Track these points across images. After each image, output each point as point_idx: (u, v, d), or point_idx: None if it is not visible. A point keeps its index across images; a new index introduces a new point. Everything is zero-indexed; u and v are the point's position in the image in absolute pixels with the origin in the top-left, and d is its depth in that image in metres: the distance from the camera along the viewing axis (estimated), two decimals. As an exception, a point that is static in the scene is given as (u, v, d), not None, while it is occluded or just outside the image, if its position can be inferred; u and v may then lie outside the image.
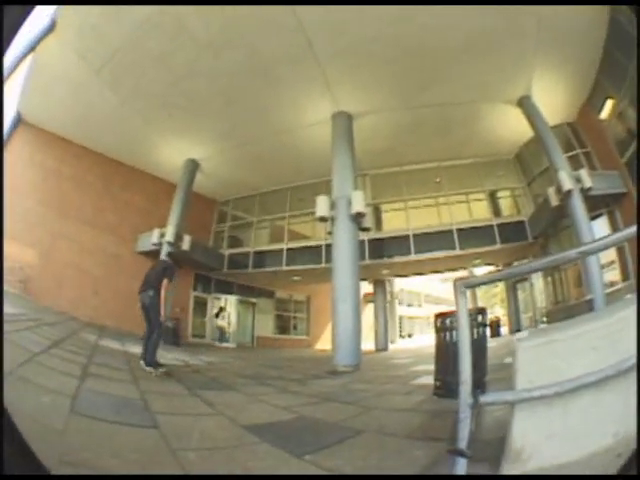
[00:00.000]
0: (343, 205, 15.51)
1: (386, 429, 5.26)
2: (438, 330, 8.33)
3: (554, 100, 18.65)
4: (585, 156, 19.65)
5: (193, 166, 21.33)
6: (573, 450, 3.55)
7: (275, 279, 24.78)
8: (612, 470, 3.09)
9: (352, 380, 10.37)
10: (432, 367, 7.91)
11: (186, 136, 19.61)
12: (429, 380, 8.09)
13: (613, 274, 17.66)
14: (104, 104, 16.95)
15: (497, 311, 26.83)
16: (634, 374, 3.48)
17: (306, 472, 3.81)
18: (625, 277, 17.55)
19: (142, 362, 8.74)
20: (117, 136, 19.29)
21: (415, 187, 22.17)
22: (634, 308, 3.89)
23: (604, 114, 18.88)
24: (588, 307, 14.69)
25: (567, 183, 16.73)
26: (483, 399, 3.76)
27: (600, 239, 3.90)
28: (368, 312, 25.63)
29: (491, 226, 21.15)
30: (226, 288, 25.14)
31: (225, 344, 23.69)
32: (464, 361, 3.77)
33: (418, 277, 31.16)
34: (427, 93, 16.99)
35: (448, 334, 7.98)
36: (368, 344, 21.64)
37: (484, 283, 6.44)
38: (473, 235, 20.86)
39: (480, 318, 8.10)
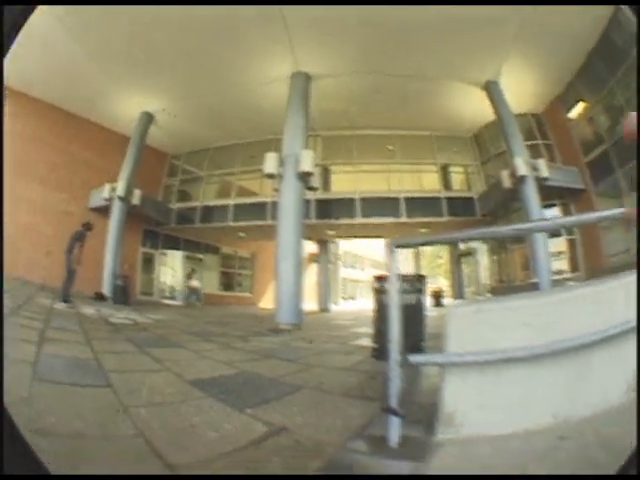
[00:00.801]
0: (291, 163, 15.74)
1: (324, 387, 5.58)
2: (376, 292, 8.55)
3: (523, 90, 19.34)
4: (546, 148, 20.60)
5: (148, 119, 21.26)
6: (509, 423, 3.77)
7: (222, 235, 25.06)
8: (560, 455, 3.30)
9: (293, 338, 10.79)
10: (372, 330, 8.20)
11: (145, 89, 19.50)
12: (369, 342, 8.39)
13: (561, 263, 18.90)
14: (63, 56, 16.68)
15: (441, 282, 27.42)
16: (572, 357, 3.86)
17: (246, 426, 4.00)
18: (574, 268, 18.72)
19: (60, 302, 10.06)
20: (70, 87, 19.00)
21: (367, 152, 22.52)
22: (576, 293, 4.28)
23: (573, 114, 20.00)
24: (532, 289, 14.96)
25: (522, 169, 17.41)
26: (412, 359, 4.06)
27: (539, 220, 4.26)
28: (312, 272, 26.05)
29: (439, 198, 21.78)
30: (174, 244, 25.21)
31: (198, 304, 24.05)
32: (393, 320, 3.92)
33: (362, 240, 31.55)
34: (393, 63, 17.23)
35: (385, 297, 7.74)
36: (311, 304, 22.33)
37: (416, 244, 6.73)
38: (421, 205, 21.40)
39: (418, 284, 8.34)
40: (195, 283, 25.31)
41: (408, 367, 4.08)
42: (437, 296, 23.15)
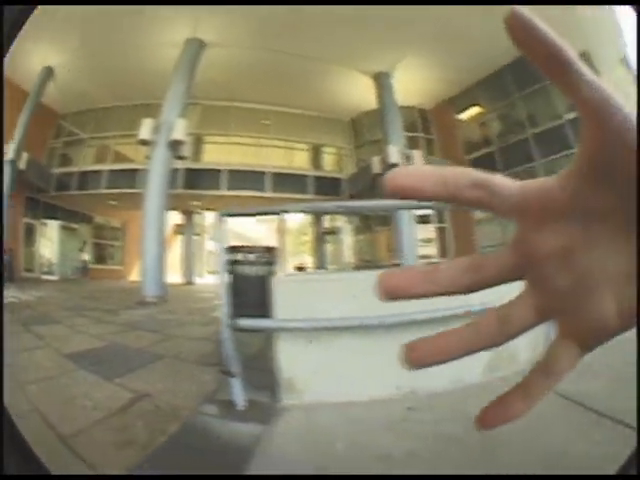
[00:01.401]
0: (165, 130, 15.86)
1: (182, 355, 6.11)
2: (229, 263, 9.09)
3: (416, 86, 20.18)
4: (427, 142, 21.82)
5: (47, 74, 20.05)
6: (352, 392, 4.16)
7: (95, 203, 23.91)
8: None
9: (159, 311, 11.22)
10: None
11: (48, 40, 18.16)
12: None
13: (430, 249, 20.21)
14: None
15: (306, 259, 27.86)
16: (411, 331, 3.98)
17: (115, 394, 4.39)
18: (443, 254, 19.95)
19: None
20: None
21: (243, 125, 22.66)
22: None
23: (464, 115, 21.42)
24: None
25: (394, 157, 18.13)
26: (242, 322, 4.35)
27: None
28: (178, 244, 25.65)
29: (307, 176, 22.28)
30: (52, 213, 23.57)
31: (85, 279, 23.29)
32: (223, 285, 4.34)
33: (255, 216, 30.46)
34: (289, 42, 17.62)
35: (240, 267, 8.38)
36: (177, 277, 22.40)
37: (248, 214, 7.18)
38: (288, 182, 21.69)
39: (268, 256, 8.77)
40: (86, 257, 24.83)
41: (248, 332, 4.60)
42: (300, 272, 23.13)
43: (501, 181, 0.49)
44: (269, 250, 9.12)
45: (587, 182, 0.46)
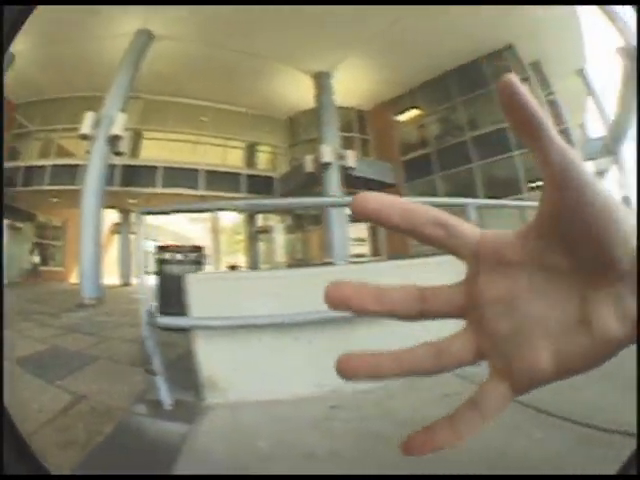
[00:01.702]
0: (105, 125, 15.64)
1: (116, 357, 6.34)
2: (159, 263, 8.92)
3: (355, 87, 20.30)
4: (362, 142, 22.03)
5: (9, 61, 18.21)
6: (275, 390, 4.24)
7: (38, 200, 22.78)
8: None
9: (96, 313, 11.41)
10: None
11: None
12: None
13: (363, 248, 19.95)
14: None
15: (240, 258, 27.70)
16: (322, 328, 4.31)
17: (57, 396, 4.53)
18: (376, 252, 20.05)
19: None
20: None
21: (182, 121, 22.30)
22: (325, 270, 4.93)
23: (402, 117, 21.68)
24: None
25: (327, 156, 18.28)
26: (160, 321, 4.46)
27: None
28: (115, 244, 24.62)
29: (240, 175, 22.20)
30: None
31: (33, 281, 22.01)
32: (142, 284, 4.56)
33: (175, 214, 29.60)
34: (229, 36, 17.52)
35: (168, 267, 8.64)
36: (114, 278, 21.79)
37: (165, 212, 7.24)
38: (222, 180, 21.57)
39: (195, 255, 8.99)
40: (36, 259, 23.83)
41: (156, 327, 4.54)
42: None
43: (462, 225, 0.55)
44: (197, 249, 9.34)
45: (542, 239, 0.53)
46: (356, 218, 0.52)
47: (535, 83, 19.81)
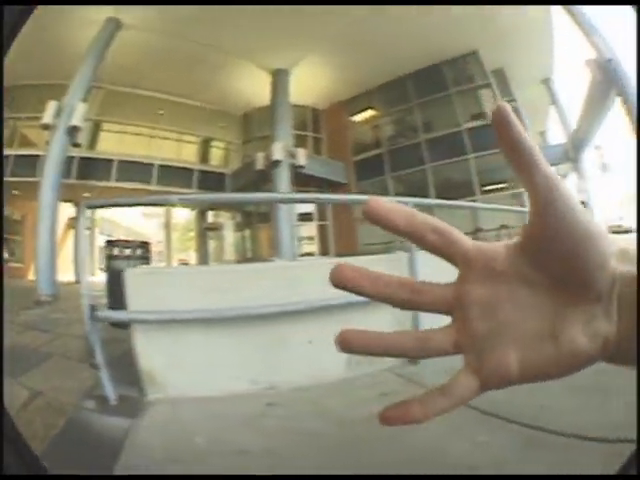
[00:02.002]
0: (66, 115, 15.39)
1: (68, 354, 6.29)
2: (108, 258, 8.83)
3: (313, 86, 20.44)
4: (315, 141, 22.16)
5: None
6: (211, 386, 4.22)
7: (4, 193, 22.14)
8: None
9: (52, 309, 11.28)
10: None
11: None
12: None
13: (313, 247, 20.52)
14: None
15: (192, 255, 27.47)
16: (257, 324, 4.33)
17: (17, 392, 4.47)
18: (325, 251, 20.23)
19: None
20: None
21: (139, 113, 22.16)
22: (267, 266, 4.95)
23: (357, 117, 21.89)
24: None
25: (278, 154, 18.29)
26: (100, 314, 4.43)
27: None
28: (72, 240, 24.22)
29: (192, 170, 22.20)
30: None
31: None
32: (83, 278, 4.52)
33: (117, 207, 28.92)
34: (195, 28, 17.48)
35: (116, 262, 8.45)
36: (70, 274, 21.63)
37: (110, 205, 7.12)
38: (174, 175, 21.49)
39: (141, 251, 8.90)
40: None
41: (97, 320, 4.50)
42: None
43: (459, 235, 0.59)
44: (143, 245, 9.24)
45: (526, 256, 0.56)
46: (367, 219, 0.55)
47: (496, 90, 20.18)
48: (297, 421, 3.75)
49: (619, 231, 27.61)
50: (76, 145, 16.23)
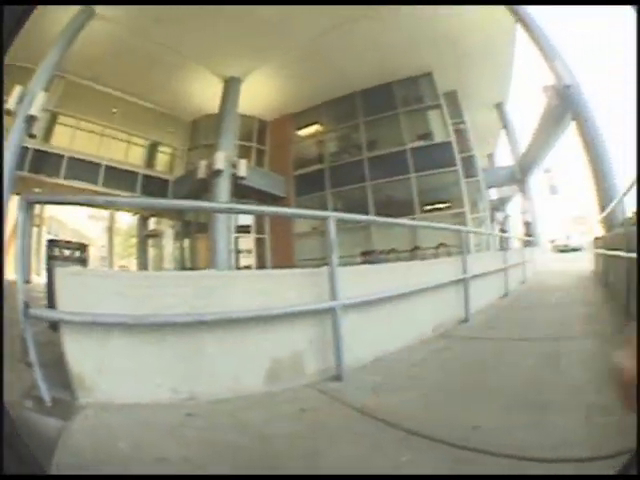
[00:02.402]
0: (27, 102, 15.01)
1: (15, 354, 6.35)
2: (49, 258, 8.58)
3: (263, 96, 20.73)
4: (258, 152, 22.50)
5: None
6: (135, 393, 4.23)
7: None
8: None
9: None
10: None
11: None
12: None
13: (250, 260, 20.57)
14: None
15: (132, 262, 27.19)
16: (178, 332, 4.33)
17: None
18: (262, 264, 20.59)
19: None
20: None
21: (95, 109, 21.94)
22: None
23: (303, 132, 22.48)
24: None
25: (219, 163, 18.49)
26: (32, 312, 4.29)
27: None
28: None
29: (137, 174, 22.25)
30: None
31: None
32: (20, 275, 4.20)
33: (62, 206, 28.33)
34: (160, 30, 17.63)
35: (56, 262, 8.22)
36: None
37: (51, 202, 6.95)
38: (119, 177, 21.44)
39: (79, 253, 8.70)
40: None
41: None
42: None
43: None
44: (81, 247, 9.08)
45: None
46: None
47: (446, 111, 20.58)
48: (214, 432, 3.77)
49: (566, 250, 28.58)
50: (32, 136, 16.08)
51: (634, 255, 5.97)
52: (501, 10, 16.89)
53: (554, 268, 19.18)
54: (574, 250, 26.84)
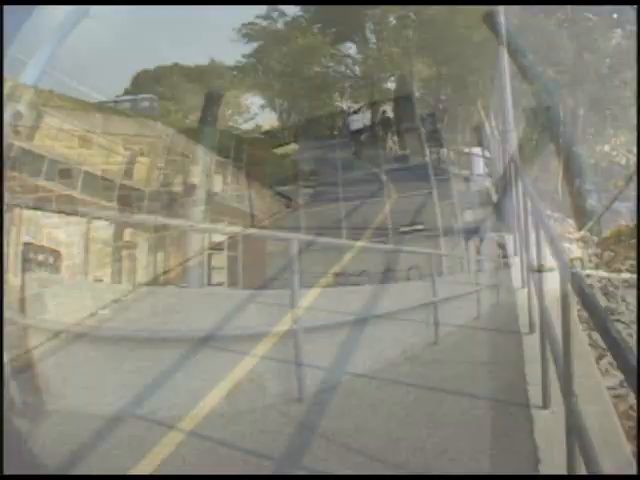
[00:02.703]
0: (16, 96, 15.06)
1: None
2: (23, 261, 8.73)
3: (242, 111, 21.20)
4: (235, 168, 21.56)
5: None
6: (94, 406, 4.21)
7: None
8: None
9: None
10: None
11: None
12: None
13: (222, 276, 20.58)
14: None
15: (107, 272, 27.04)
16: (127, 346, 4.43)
17: None
18: (234, 282, 20.46)
19: None
20: None
21: (80, 111, 19.96)
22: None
23: (278, 150, 22.32)
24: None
25: (194, 178, 18.86)
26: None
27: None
28: None
29: (115, 182, 19.41)
30: None
31: None
32: None
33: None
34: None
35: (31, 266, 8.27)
36: None
37: (26, 207, 7.17)
38: (98, 185, 18.68)
39: (51, 259, 9.26)
40: None
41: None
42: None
43: None
44: (54, 253, 9.87)
45: None
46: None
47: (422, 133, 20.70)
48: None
49: (542, 270, 28.88)
50: (16, 132, 15.71)
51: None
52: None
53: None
54: (550, 270, 27.17)
